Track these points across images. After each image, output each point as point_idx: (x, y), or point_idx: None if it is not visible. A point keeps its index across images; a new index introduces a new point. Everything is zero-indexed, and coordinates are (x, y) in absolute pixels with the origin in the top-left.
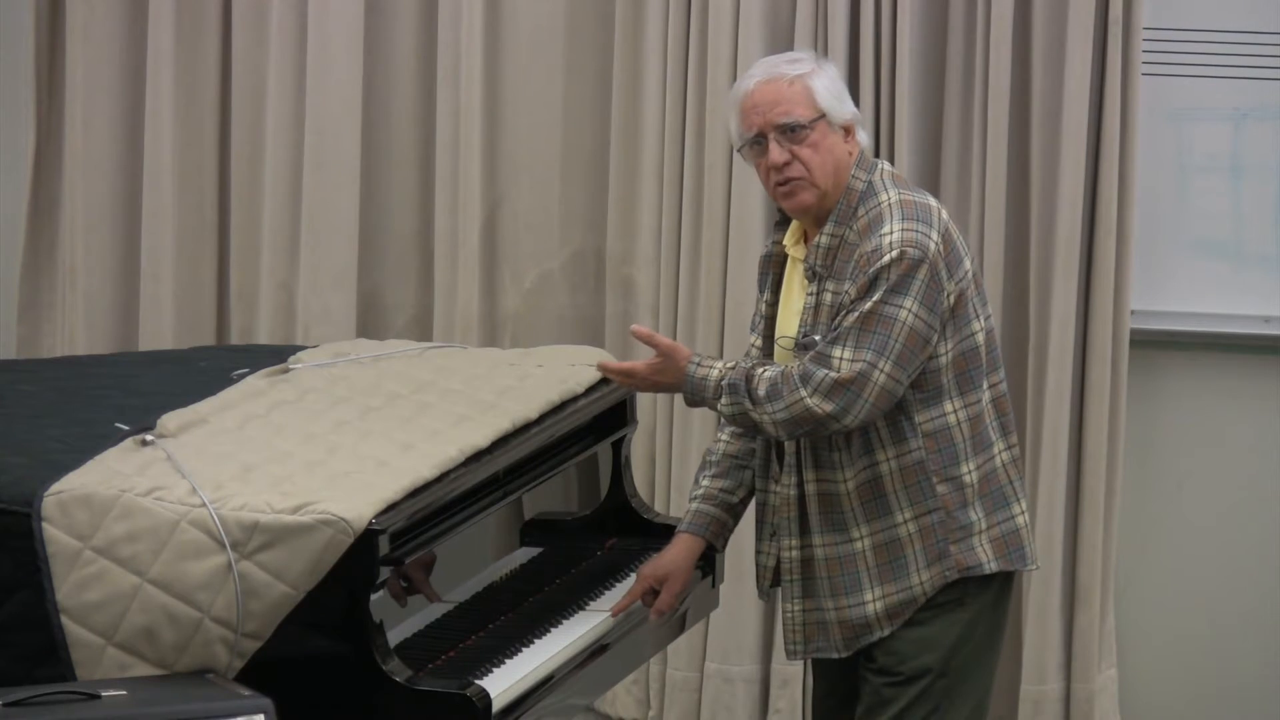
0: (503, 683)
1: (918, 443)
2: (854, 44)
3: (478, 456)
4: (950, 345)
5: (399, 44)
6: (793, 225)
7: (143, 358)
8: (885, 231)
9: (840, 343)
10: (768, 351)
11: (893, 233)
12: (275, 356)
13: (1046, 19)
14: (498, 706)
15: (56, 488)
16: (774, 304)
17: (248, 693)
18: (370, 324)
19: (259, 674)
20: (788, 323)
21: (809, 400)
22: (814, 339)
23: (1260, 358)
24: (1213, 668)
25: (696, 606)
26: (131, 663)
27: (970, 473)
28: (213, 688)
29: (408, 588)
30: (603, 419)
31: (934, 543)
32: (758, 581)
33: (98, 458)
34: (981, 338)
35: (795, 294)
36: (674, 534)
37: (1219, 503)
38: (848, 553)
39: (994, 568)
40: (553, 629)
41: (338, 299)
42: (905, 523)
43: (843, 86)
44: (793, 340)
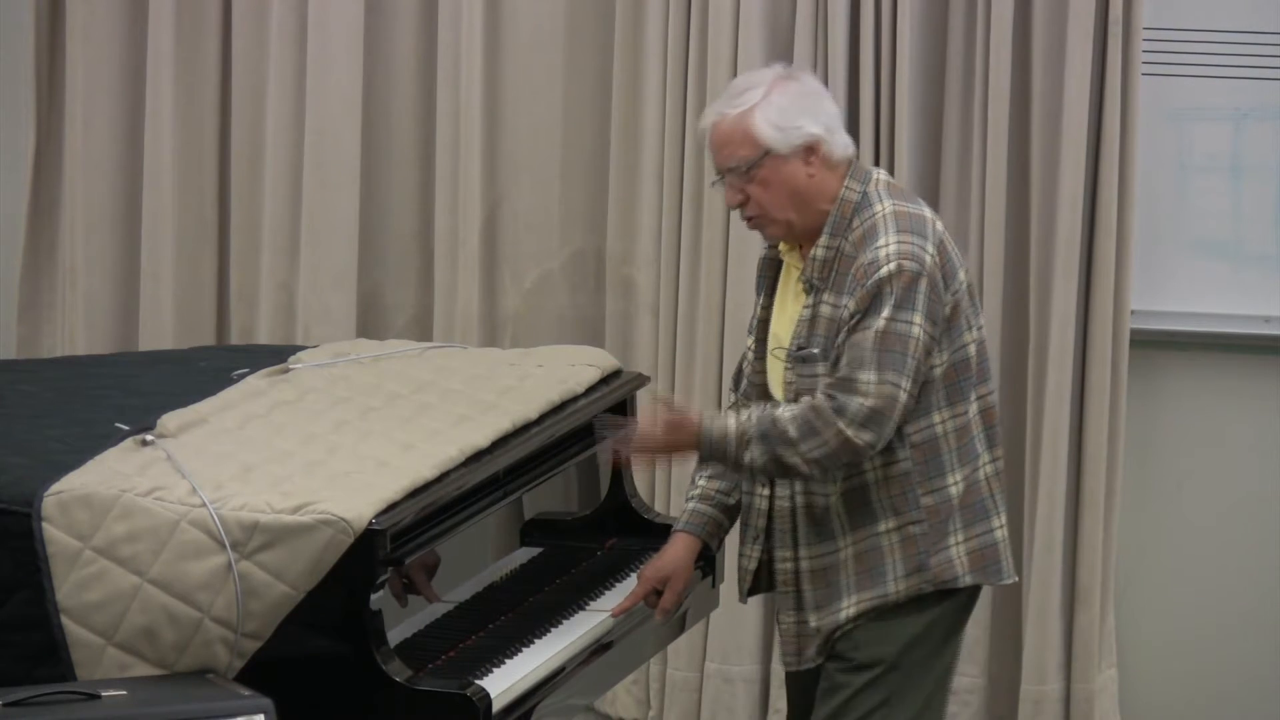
0: (503, 683)
1: (905, 453)
2: (854, 44)
3: (478, 456)
4: (944, 356)
5: (399, 44)
6: None
7: (143, 358)
8: (881, 244)
9: (863, 366)
10: (761, 354)
11: (888, 245)
12: (275, 356)
13: (1046, 20)
14: (498, 706)
15: (57, 488)
16: (768, 308)
17: (248, 693)
18: (370, 324)
19: (259, 674)
20: (781, 330)
21: (848, 432)
22: (811, 351)
23: (1260, 358)
24: (1213, 668)
25: (696, 606)
26: (131, 663)
27: (955, 484)
28: (213, 688)
29: (408, 587)
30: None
31: (914, 554)
32: (739, 584)
33: (98, 458)
34: (973, 349)
35: (789, 300)
36: (670, 533)
37: (1219, 503)
38: (832, 563)
39: (968, 581)
40: (553, 629)
41: (338, 299)
42: (888, 532)
43: (799, 108)
44: (786, 351)
